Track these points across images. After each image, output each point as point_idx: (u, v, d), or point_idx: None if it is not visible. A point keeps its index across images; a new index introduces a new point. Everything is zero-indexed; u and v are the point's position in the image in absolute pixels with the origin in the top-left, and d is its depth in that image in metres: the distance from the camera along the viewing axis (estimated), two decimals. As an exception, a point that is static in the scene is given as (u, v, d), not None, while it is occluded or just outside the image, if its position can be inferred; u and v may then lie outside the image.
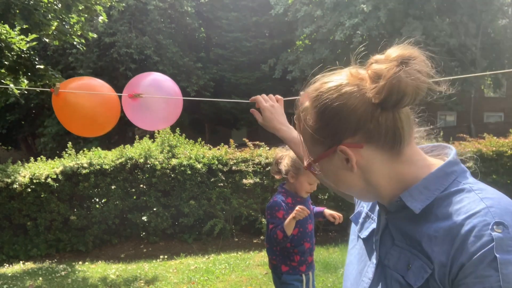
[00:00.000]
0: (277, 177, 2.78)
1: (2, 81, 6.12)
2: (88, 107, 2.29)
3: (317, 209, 2.96)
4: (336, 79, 0.85)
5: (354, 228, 1.06)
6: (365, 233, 0.98)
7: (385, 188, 0.87)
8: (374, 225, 0.96)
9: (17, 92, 6.28)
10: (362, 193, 0.91)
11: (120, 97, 2.41)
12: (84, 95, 2.25)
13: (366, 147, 0.83)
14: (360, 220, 1.03)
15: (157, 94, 2.33)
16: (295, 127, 0.94)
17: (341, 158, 0.86)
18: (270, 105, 1.59)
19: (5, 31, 5.88)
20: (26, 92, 6.61)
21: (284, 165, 2.65)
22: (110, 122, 2.43)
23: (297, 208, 2.44)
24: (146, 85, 2.36)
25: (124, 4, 8.96)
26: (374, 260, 0.92)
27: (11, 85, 6.10)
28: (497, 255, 0.69)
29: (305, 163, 0.93)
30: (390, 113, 0.81)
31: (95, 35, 8.41)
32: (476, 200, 0.77)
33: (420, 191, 0.84)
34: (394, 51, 0.82)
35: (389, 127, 0.82)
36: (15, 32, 6.10)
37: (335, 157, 0.86)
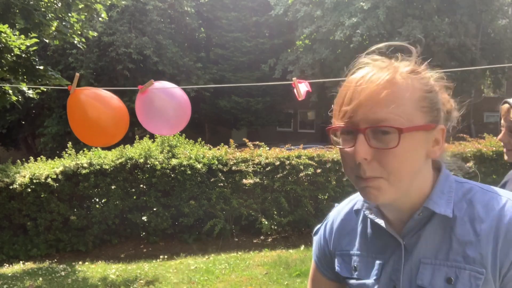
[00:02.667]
0: None
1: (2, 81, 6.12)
2: (101, 117, 2.36)
3: None
4: None
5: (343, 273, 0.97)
6: (372, 275, 0.89)
7: (415, 194, 0.83)
8: (378, 261, 0.89)
9: (14, 98, 6.27)
10: (404, 189, 0.81)
11: (132, 93, 2.57)
12: (98, 108, 2.32)
13: None
14: (354, 264, 0.94)
15: (168, 100, 2.46)
16: (388, 82, 0.78)
17: (429, 140, 0.82)
18: None
19: (5, 35, 5.88)
20: (25, 92, 6.60)
21: None
22: (117, 135, 2.51)
23: None
24: (156, 89, 2.50)
25: (124, 2, 8.95)
26: None
27: (24, 86, 6.10)
28: None
29: (396, 126, 0.76)
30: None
31: (95, 34, 8.41)
32: (493, 196, 0.81)
33: (438, 196, 0.83)
34: None
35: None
36: (15, 35, 6.10)
37: (424, 136, 0.80)
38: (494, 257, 0.75)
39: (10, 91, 6.15)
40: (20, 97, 6.39)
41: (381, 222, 0.88)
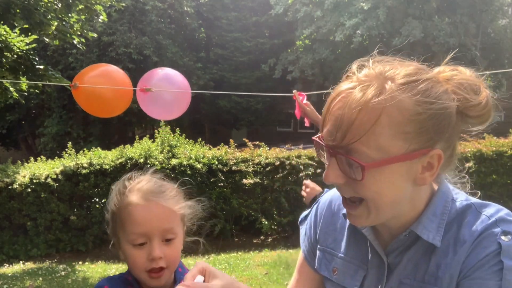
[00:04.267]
0: None
1: (2, 81, 6.12)
2: (104, 93, 2.58)
3: None
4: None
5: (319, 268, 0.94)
6: (353, 283, 0.87)
7: (404, 216, 0.79)
8: (361, 271, 0.86)
9: (16, 95, 6.27)
10: (386, 216, 0.77)
11: (133, 87, 2.67)
12: (100, 82, 2.47)
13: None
14: (336, 266, 0.91)
15: (168, 87, 2.56)
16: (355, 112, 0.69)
17: (414, 168, 0.73)
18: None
19: (4, 32, 5.87)
20: (26, 92, 6.60)
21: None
22: (123, 102, 2.71)
23: None
24: (158, 79, 2.59)
25: (123, 4, 8.96)
26: None
27: (25, 81, 6.09)
28: (503, 260, 0.69)
29: (359, 160, 0.70)
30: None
31: (95, 35, 8.41)
32: (483, 219, 0.75)
33: (430, 219, 0.78)
34: None
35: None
36: (15, 33, 6.10)
37: (406, 165, 0.72)
38: (459, 270, 0.73)
39: (11, 88, 6.14)
40: (22, 93, 6.38)
41: (368, 235, 0.84)
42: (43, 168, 6.94)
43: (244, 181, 6.78)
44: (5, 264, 6.48)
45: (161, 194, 1.08)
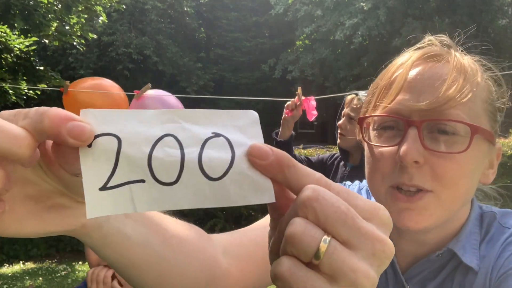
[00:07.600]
0: None
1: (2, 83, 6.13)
2: (97, 106, 2.28)
3: None
4: None
5: None
6: None
7: (449, 227, 0.65)
8: None
9: (14, 98, 6.27)
10: (450, 215, 0.62)
11: (128, 98, 2.46)
12: (94, 96, 2.25)
13: None
14: None
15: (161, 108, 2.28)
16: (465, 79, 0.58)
17: (488, 156, 0.64)
18: None
19: (4, 34, 5.88)
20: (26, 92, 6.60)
21: None
22: None
23: None
24: (151, 99, 2.35)
25: (124, 6, 8.98)
26: None
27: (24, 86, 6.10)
28: None
29: (470, 122, 0.57)
30: None
31: (95, 36, 8.42)
32: (505, 230, 0.66)
33: (467, 237, 0.65)
34: None
35: None
36: (15, 35, 6.10)
37: (487, 148, 0.63)
38: (490, 278, 0.62)
39: (11, 92, 6.15)
40: (20, 99, 6.39)
41: None
42: (43, 168, 6.94)
43: (244, 181, 6.78)
44: (5, 264, 6.48)
45: None
